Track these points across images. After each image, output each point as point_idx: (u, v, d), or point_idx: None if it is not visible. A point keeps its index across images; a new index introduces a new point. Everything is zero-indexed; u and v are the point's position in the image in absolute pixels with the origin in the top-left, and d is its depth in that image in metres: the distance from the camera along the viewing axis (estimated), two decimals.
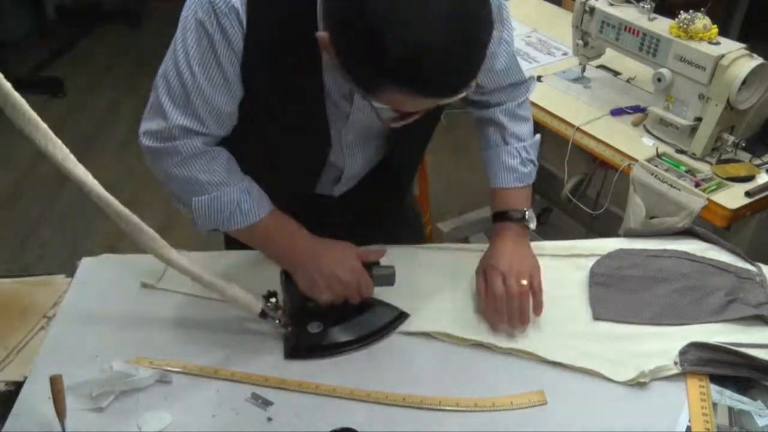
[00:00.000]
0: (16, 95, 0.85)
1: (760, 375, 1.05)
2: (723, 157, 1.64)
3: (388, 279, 1.14)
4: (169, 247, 1.01)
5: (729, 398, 1.02)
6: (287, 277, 1.11)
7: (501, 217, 1.24)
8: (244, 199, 1.08)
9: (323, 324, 1.12)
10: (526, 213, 1.23)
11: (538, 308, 1.15)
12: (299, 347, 1.11)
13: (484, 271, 1.18)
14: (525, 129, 1.27)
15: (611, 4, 1.78)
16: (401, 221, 1.49)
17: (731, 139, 1.60)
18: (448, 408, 1.01)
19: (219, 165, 1.07)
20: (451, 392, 1.04)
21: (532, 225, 1.24)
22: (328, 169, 1.23)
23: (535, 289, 1.15)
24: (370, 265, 1.13)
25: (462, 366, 1.09)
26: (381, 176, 1.32)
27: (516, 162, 1.25)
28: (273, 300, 1.10)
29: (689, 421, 0.99)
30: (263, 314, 1.09)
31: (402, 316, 1.17)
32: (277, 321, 1.10)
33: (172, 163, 1.06)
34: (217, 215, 1.08)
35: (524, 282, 1.15)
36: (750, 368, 1.05)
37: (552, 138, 2.18)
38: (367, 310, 1.16)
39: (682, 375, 1.05)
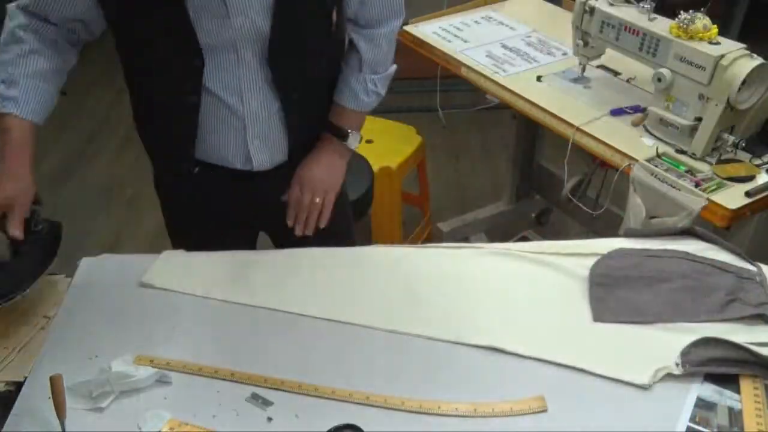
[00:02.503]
0: None
1: (763, 372, 1.05)
2: (723, 157, 1.64)
3: None
4: None
5: (729, 398, 1.02)
6: None
7: (327, 129, 1.35)
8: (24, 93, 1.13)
9: None
10: (350, 133, 1.35)
11: (321, 220, 1.37)
12: None
13: (294, 178, 1.33)
14: (383, 60, 1.35)
15: (611, 4, 1.78)
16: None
17: (731, 139, 1.60)
18: (447, 413, 1.01)
19: (26, 59, 1.13)
20: (451, 394, 1.03)
21: (353, 145, 1.38)
22: (229, 120, 1.24)
23: (325, 205, 1.36)
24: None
25: (462, 367, 1.09)
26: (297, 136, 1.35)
27: (360, 89, 1.34)
28: None
29: (688, 421, 0.99)
30: None
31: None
32: None
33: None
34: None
35: (317, 199, 1.33)
36: (753, 365, 1.05)
37: (552, 138, 2.18)
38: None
39: (687, 376, 1.05)
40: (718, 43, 1.58)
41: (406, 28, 2.30)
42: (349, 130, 1.35)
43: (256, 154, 1.30)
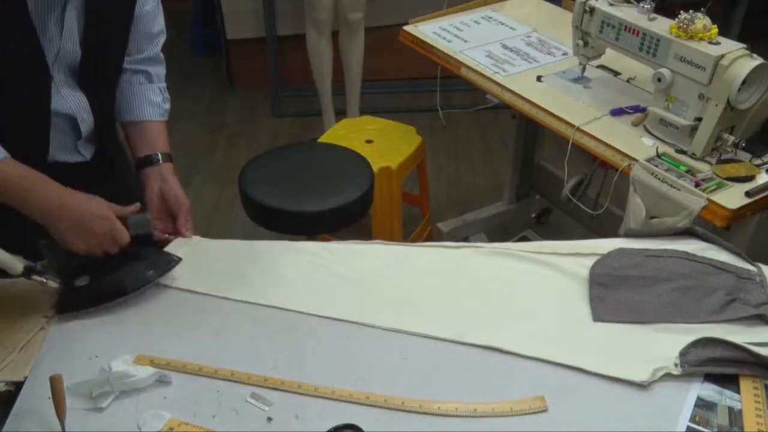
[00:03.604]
0: None
1: (763, 372, 1.05)
2: (723, 157, 1.64)
3: (144, 225, 1.18)
4: None
5: (729, 398, 1.02)
6: (45, 238, 1.13)
7: (165, 157, 1.37)
8: None
9: (90, 277, 1.15)
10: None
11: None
12: (70, 301, 1.14)
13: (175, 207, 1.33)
14: (162, 71, 1.44)
15: (611, 4, 1.78)
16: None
17: (731, 139, 1.60)
18: (447, 413, 1.01)
19: None
20: (451, 394, 1.03)
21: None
22: (58, 123, 1.26)
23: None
24: (124, 218, 1.18)
25: (462, 367, 1.09)
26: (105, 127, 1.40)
27: (159, 99, 1.40)
28: (39, 262, 1.13)
29: (688, 421, 0.99)
30: (26, 274, 1.11)
31: (172, 261, 1.21)
32: (44, 279, 1.12)
33: None
34: None
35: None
36: (752, 365, 1.05)
37: (552, 138, 2.18)
38: (135, 259, 1.19)
39: (687, 376, 1.05)
40: (718, 43, 1.58)
41: (407, 28, 2.30)
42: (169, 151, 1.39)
43: (85, 149, 1.36)
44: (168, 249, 1.30)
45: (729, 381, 1.05)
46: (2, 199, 1.13)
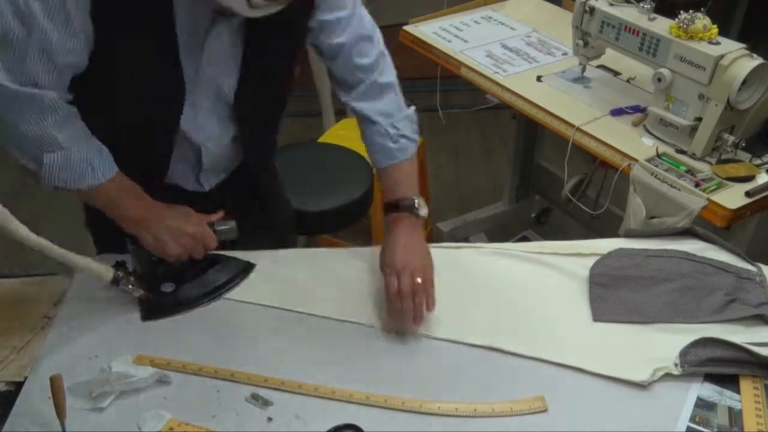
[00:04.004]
0: None
1: (762, 372, 1.05)
2: (723, 157, 1.64)
3: (230, 232, 1.21)
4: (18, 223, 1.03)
5: (729, 398, 1.03)
6: (134, 244, 1.16)
7: (390, 207, 1.25)
8: (96, 158, 1.09)
9: (175, 284, 1.19)
10: (415, 201, 1.23)
11: (429, 304, 1.15)
12: (155, 308, 1.17)
13: (383, 271, 1.19)
14: (390, 101, 1.28)
15: (611, 4, 1.78)
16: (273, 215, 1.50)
17: (731, 139, 1.60)
18: (447, 413, 1.01)
19: (72, 121, 1.08)
20: (451, 394, 1.04)
21: (423, 212, 1.23)
22: (183, 147, 1.21)
23: (427, 285, 1.15)
24: (211, 224, 1.20)
25: (462, 367, 1.09)
26: (244, 165, 1.35)
27: (386, 141, 1.26)
28: (123, 269, 1.15)
29: (688, 421, 0.99)
30: (115, 281, 1.13)
31: (248, 267, 1.25)
32: (130, 286, 1.14)
33: (27, 116, 1.02)
34: (69, 173, 1.08)
35: (418, 279, 1.14)
36: (752, 365, 1.05)
37: (552, 138, 2.18)
38: (215, 266, 1.23)
39: (687, 376, 1.05)
40: (718, 43, 1.58)
41: (406, 28, 2.30)
42: (413, 197, 1.23)
43: (206, 181, 1.31)
44: None
45: (729, 381, 1.05)
46: (107, 207, 1.15)
